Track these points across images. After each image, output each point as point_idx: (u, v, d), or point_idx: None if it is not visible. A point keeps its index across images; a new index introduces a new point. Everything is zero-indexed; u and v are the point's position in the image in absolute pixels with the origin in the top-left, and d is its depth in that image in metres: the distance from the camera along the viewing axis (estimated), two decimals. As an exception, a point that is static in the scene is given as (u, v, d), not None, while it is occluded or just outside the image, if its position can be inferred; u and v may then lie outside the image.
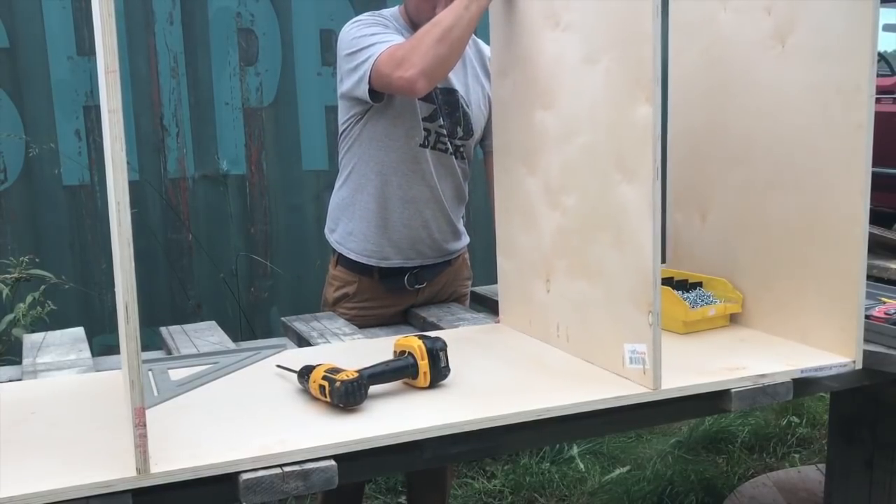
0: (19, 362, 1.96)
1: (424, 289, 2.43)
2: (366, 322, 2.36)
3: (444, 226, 2.39)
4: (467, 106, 2.34)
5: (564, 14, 1.76)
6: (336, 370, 1.55)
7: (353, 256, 2.37)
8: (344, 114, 2.33)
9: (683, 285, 2.09)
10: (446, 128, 2.31)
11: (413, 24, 2.26)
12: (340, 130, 2.36)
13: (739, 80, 1.97)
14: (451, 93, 2.32)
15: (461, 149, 2.37)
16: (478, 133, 2.40)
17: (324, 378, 1.54)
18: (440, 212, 2.37)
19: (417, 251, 2.37)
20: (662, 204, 1.68)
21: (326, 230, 2.47)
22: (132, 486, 1.27)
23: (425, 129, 2.28)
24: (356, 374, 1.53)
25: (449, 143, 2.33)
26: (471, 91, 2.36)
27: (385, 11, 2.32)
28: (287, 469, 1.33)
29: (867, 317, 1.83)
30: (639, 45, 1.54)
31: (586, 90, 1.71)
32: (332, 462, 1.35)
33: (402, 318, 2.44)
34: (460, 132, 2.34)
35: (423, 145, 2.29)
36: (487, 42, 2.19)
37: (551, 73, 1.83)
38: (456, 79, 2.33)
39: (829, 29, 1.74)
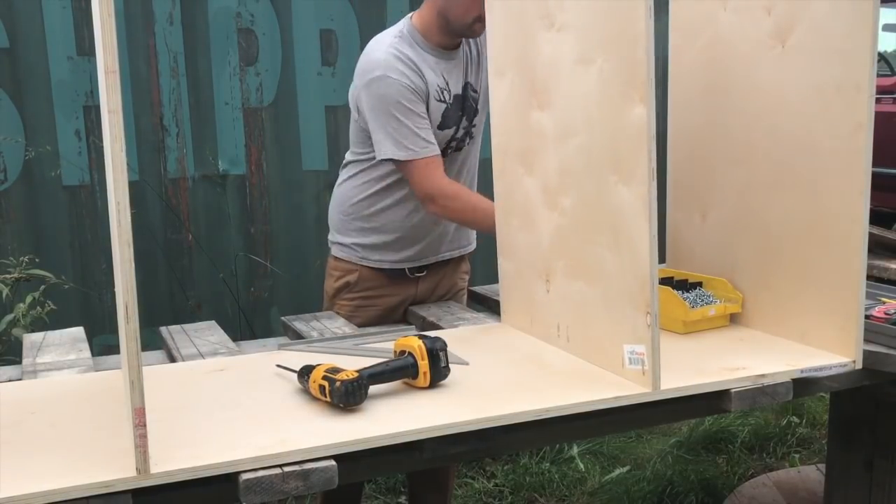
0: (19, 362, 1.96)
1: (425, 277, 2.44)
2: (367, 314, 2.36)
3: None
4: (475, 92, 2.37)
5: (559, 14, 1.76)
6: (336, 370, 1.54)
7: (371, 265, 2.40)
8: (361, 145, 2.35)
9: (683, 285, 2.09)
10: (462, 127, 2.34)
11: (442, 27, 2.26)
12: (354, 159, 2.38)
13: (739, 79, 1.97)
14: (465, 87, 2.34)
15: (472, 129, 2.39)
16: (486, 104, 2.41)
17: (324, 378, 1.54)
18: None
19: (432, 249, 2.43)
20: (662, 204, 1.68)
21: (334, 236, 2.46)
22: (132, 486, 1.27)
23: (443, 151, 2.31)
24: (356, 374, 1.53)
25: (459, 140, 2.36)
26: (481, 81, 2.37)
27: (404, 33, 2.27)
28: (287, 469, 1.33)
29: (867, 317, 1.83)
30: (632, 46, 1.54)
31: (581, 91, 1.71)
32: (332, 462, 1.35)
33: (402, 318, 2.44)
34: (473, 116, 2.38)
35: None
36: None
37: (547, 74, 1.82)
38: (468, 73, 2.35)
39: (829, 29, 1.74)
